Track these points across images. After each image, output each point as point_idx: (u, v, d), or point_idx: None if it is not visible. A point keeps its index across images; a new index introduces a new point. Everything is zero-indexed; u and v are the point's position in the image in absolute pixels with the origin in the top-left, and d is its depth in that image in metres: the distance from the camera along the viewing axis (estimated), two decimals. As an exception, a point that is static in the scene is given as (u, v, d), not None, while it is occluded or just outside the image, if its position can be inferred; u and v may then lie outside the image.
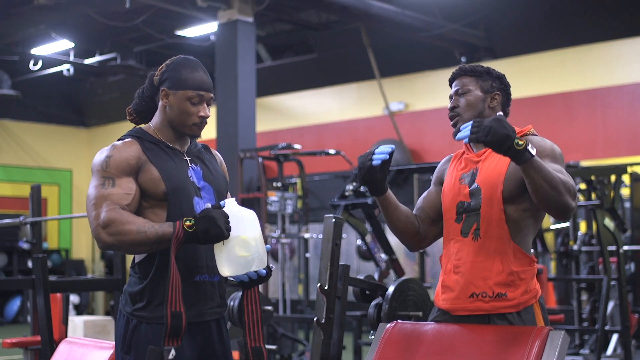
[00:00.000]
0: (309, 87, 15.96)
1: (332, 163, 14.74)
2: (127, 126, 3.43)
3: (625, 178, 10.50)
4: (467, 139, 3.00)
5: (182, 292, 3.09)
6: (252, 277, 3.08)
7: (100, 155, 3.21)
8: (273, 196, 10.53)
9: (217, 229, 2.96)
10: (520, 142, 2.94)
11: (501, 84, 3.39)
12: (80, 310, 15.71)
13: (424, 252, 11.32)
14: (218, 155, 3.46)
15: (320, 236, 11.69)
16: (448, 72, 3.57)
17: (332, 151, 11.21)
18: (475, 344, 3.02)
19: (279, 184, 10.66)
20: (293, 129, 16.00)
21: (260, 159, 10.70)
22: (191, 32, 13.00)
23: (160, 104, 3.25)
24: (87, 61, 14.39)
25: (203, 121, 3.22)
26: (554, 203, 3.02)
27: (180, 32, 13.05)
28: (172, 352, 2.95)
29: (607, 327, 8.66)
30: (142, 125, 3.34)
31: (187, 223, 2.98)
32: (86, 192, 3.18)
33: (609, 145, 12.27)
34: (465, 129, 3.00)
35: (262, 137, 14.03)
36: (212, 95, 3.23)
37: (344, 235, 5.36)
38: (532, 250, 3.26)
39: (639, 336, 10.21)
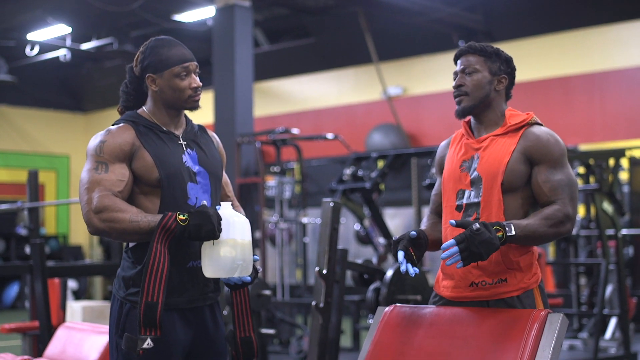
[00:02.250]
0: (307, 72, 15.92)
1: (329, 148, 14.72)
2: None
3: (624, 162, 10.50)
4: (461, 265, 3.02)
5: (175, 277, 3.10)
6: (235, 282, 3.10)
7: (94, 140, 3.18)
8: (271, 181, 10.52)
9: (209, 225, 2.95)
10: (500, 235, 3.00)
11: (508, 67, 3.34)
12: (78, 295, 15.70)
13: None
14: (215, 137, 3.43)
15: (319, 221, 11.72)
16: (446, 56, 3.54)
17: (330, 136, 11.20)
18: (474, 327, 3.01)
19: (277, 169, 10.64)
20: (290, 114, 15.98)
21: (258, 144, 10.67)
22: (188, 16, 12.94)
23: (149, 91, 3.22)
24: (84, 46, 14.32)
25: (197, 91, 3.20)
26: (549, 241, 3.20)
27: (177, 17, 12.98)
28: (149, 341, 2.94)
29: (605, 311, 8.67)
30: (138, 110, 3.30)
31: (181, 217, 2.97)
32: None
33: (607, 129, 12.25)
34: (454, 257, 3.00)
35: (260, 122, 13.99)
36: (196, 63, 3.21)
37: (342, 220, 5.37)
38: None
39: (637, 320, 10.22)
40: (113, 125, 3.23)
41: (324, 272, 5.10)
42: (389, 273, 5.36)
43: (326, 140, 12.94)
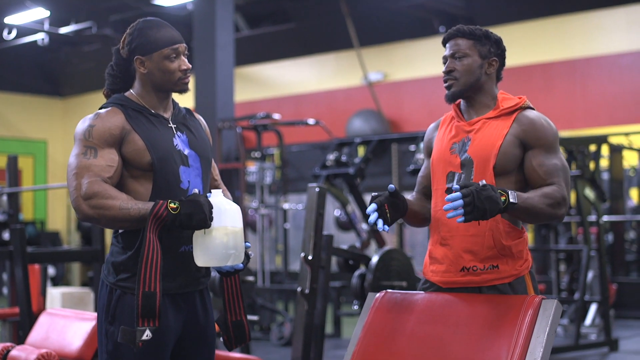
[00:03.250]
0: (287, 57, 15.86)
1: (310, 133, 14.67)
2: (102, 97, 3.32)
3: (604, 149, 10.51)
4: (462, 220, 2.92)
5: (167, 263, 3.04)
6: (228, 269, 3.07)
7: (83, 124, 3.10)
8: (252, 166, 10.46)
9: (201, 214, 2.89)
10: (503, 199, 2.94)
11: (498, 49, 3.28)
12: (56, 281, 15.60)
13: (402, 223, 11.32)
14: (201, 120, 3.38)
15: (299, 207, 11.68)
16: (427, 42, 3.49)
17: (311, 121, 11.15)
18: (467, 313, 2.98)
19: (258, 154, 10.58)
20: (270, 99, 15.91)
21: (238, 129, 10.60)
22: (168, 0, 12.84)
23: (137, 73, 3.15)
24: (62, 30, 14.18)
25: (186, 73, 3.14)
26: (543, 222, 3.10)
27: (157, 1, 12.87)
28: (147, 333, 2.87)
29: (586, 298, 8.69)
30: (125, 92, 3.24)
31: (172, 205, 2.91)
32: (62, 163, 3.10)
33: (588, 115, 12.26)
34: (457, 210, 2.90)
35: (240, 107, 13.92)
36: (185, 45, 3.15)
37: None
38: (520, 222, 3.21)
39: (617, 306, 10.27)
40: (101, 108, 3.16)
41: (310, 257, 5.06)
42: (374, 259, 5.33)
43: (307, 126, 12.89)
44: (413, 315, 3.08)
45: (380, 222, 3.06)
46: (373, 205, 3.07)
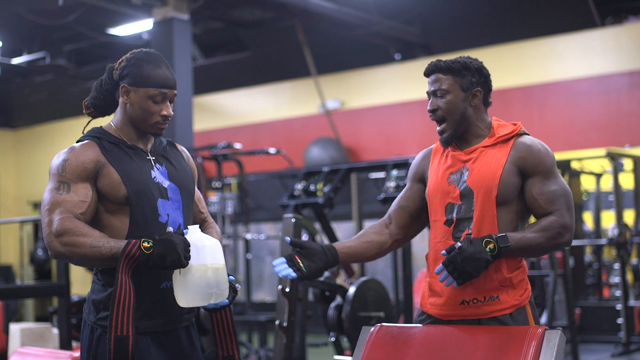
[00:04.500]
0: (243, 86, 15.78)
1: (267, 163, 14.60)
2: (55, 128, 3.24)
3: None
4: (457, 284, 2.98)
5: (147, 300, 2.97)
6: (211, 308, 3.00)
7: (57, 159, 3.03)
8: (213, 197, 10.34)
9: (174, 255, 2.80)
10: (492, 247, 2.94)
11: (481, 77, 3.20)
12: (8, 317, 15.26)
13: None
14: (185, 151, 3.30)
15: (262, 236, 11.57)
16: (384, 70, 3.44)
17: (272, 150, 11.08)
18: (468, 346, 2.91)
19: (219, 184, 10.47)
20: (227, 128, 15.81)
21: (199, 159, 10.49)
22: (124, 30, 12.71)
23: (120, 100, 3.08)
24: (15, 61, 13.98)
25: (166, 120, 3.07)
26: (548, 253, 3.10)
27: (112, 31, 12.74)
28: None
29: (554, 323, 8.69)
30: (103, 125, 3.16)
31: (145, 244, 2.83)
32: (14, 196, 3.01)
33: (546, 140, 11.94)
34: (448, 278, 2.97)
35: (196, 136, 13.80)
36: (175, 92, 3.09)
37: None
38: None
39: (581, 330, 10.29)
40: (77, 142, 3.08)
41: (287, 290, 4.97)
42: (352, 290, 5.25)
43: (264, 155, 12.81)
44: (412, 350, 3.01)
45: (289, 272, 3.01)
46: (280, 259, 3.04)
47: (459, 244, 2.92)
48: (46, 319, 13.80)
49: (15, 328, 8.94)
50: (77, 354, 4.07)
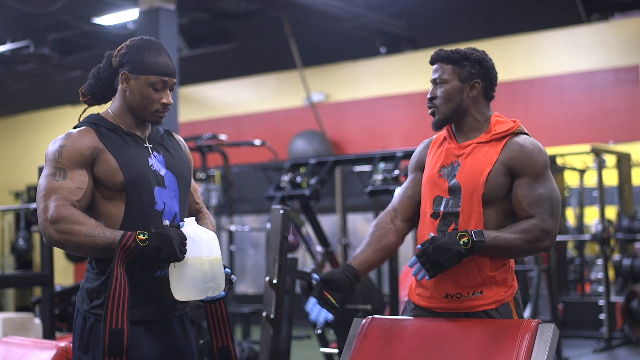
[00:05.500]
0: (228, 77, 15.73)
1: (250, 154, 14.56)
2: (39, 117, 3.23)
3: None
4: (429, 278, 2.97)
5: (141, 288, 2.96)
6: (208, 301, 3.00)
7: (54, 144, 3.01)
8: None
9: (169, 249, 2.79)
10: (466, 240, 2.92)
11: (481, 69, 3.18)
12: (-10, 306, 15.21)
13: (347, 244, 11.27)
14: (181, 141, 3.29)
15: (246, 228, 11.54)
16: (369, 63, 3.42)
17: (257, 142, 11.05)
18: (461, 339, 2.91)
19: (203, 176, 10.43)
20: (210, 120, 15.76)
21: (184, 150, 10.43)
22: (109, 19, 12.62)
23: (119, 87, 3.06)
24: (-2, 49, 13.87)
25: (166, 108, 3.05)
26: (524, 256, 3.10)
27: (98, 20, 12.64)
28: None
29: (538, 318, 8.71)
30: (100, 112, 3.14)
31: (141, 237, 2.82)
32: None
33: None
34: (421, 272, 2.97)
35: (181, 128, 13.75)
36: (175, 80, 3.07)
37: (267, 225, 5.26)
38: None
39: (563, 326, 10.33)
40: (74, 128, 3.05)
41: (274, 281, 4.95)
42: (339, 282, 5.22)
43: (247, 147, 12.78)
44: (404, 342, 3.00)
45: (326, 314, 3.01)
46: (311, 301, 3.03)
47: (431, 234, 2.93)
48: (27, 308, 13.72)
49: (-4, 318, 8.89)
50: (62, 343, 4.04)
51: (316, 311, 3.02)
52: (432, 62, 3.24)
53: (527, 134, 3.16)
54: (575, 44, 12.49)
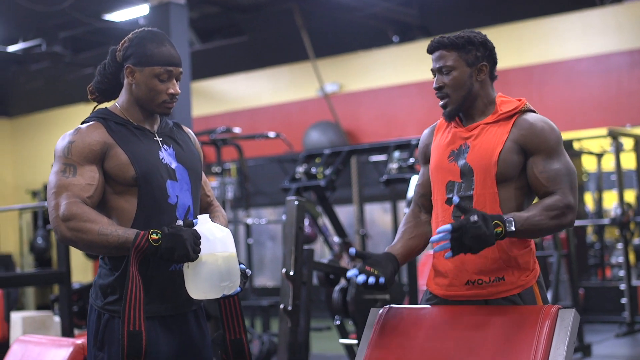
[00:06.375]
0: (240, 71, 15.70)
1: (266, 147, 14.53)
2: (52, 115, 3.19)
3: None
4: (449, 255, 2.83)
5: (156, 283, 2.92)
6: (223, 297, 2.95)
7: (62, 140, 2.97)
8: (213, 182, 10.28)
9: (183, 250, 2.76)
10: (499, 231, 2.82)
11: (486, 51, 3.11)
12: (10, 305, 15.22)
13: (365, 234, 11.22)
14: (191, 133, 3.25)
15: (263, 221, 11.52)
16: (382, 52, 3.35)
17: (272, 134, 11.02)
18: (480, 327, 2.85)
19: (218, 170, 10.42)
20: (225, 114, 15.73)
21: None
22: (119, 16, 12.60)
23: (125, 81, 3.02)
24: (11, 48, 13.88)
25: (173, 98, 3.01)
26: (551, 234, 3.00)
27: (108, 16, 12.63)
28: None
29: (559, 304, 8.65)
30: (108, 106, 3.10)
31: (154, 236, 2.78)
32: (12, 184, 2.95)
33: (546, 121, 12.23)
34: (445, 243, 2.82)
35: (195, 122, 13.74)
36: (181, 70, 3.03)
37: (283, 217, 5.22)
38: None
39: (583, 311, 10.26)
40: (83, 123, 3.02)
41: (291, 273, 4.91)
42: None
43: (262, 140, 12.74)
44: (422, 332, 2.94)
45: (372, 279, 2.93)
46: (353, 271, 2.97)
47: (475, 217, 2.79)
48: (47, 307, 13.75)
49: (16, 317, 8.92)
50: (79, 341, 4.03)
51: (363, 277, 2.94)
52: (432, 50, 3.16)
53: (534, 111, 3.11)
54: (590, 27, 12.38)
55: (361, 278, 2.94)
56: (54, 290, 14.50)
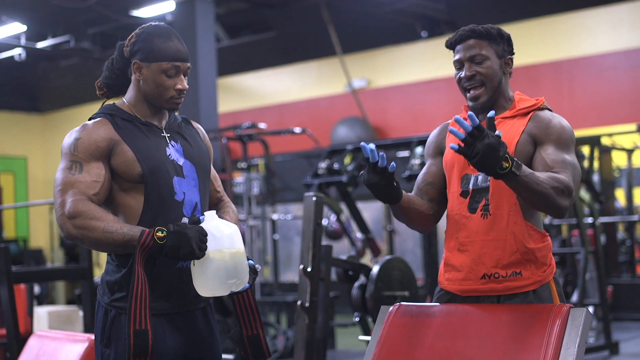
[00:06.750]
0: (268, 66, 15.70)
1: (293, 143, 14.52)
2: (82, 111, 3.19)
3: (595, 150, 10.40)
4: (454, 147, 2.72)
5: (163, 280, 2.90)
6: (232, 294, 2.92)
7: (69, 137, 2.94)
8: (239, 177, 10.27)
9: (187, 248, 2.72)
10: (505, 165, 2.70)
11: (509, 46, 3.10)
12: (40, 300, 15.33)
13: (392, 230, 11.16)
14: (200, 129, 3.22)
15: (289, 217, 11.50)
16: (410, 47, 3.29)
17: (297, 130, 10.99)
18: (490, 326, 2.80)
19: (244, 165, 10.40)
20: (253, 109, 15.75)
21: (224, 140, 10.42)
22: (147, 12, 12.64)
23: (132, 77, 3.00)
24: (40, 45, 13.97)
25: (181, 94, 2.98)
26: (544, 209, 2.86)
27: (136, 12, 12.67)
28: None
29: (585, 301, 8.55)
30: (116, 101, 3.08)
31: (159, 234, 2.75)
32: (42, 180, 2.93)
33: (575, 117, 12.13)
34: (460, 133, 2.70)
35: (222, 118, 13.75)
36: (188, 65, 3.00)
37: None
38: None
39: (612, 308, 10.15)
40: (89, 119, 2.99)
41: (309, 269, 4.88)
42: (375, 269, 5.15)
43: (290, 136, 12.72)
44: (431, 329, 2.90)
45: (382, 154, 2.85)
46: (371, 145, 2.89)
47: (500, 132, 2.71)
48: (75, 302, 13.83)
49: (42, 311, 8.96)
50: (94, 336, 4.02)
51: (371, 149, 2.87)
52: (462, 39, 3.10)
53: (550, 110, 3.06)
54: (619, 21, 12.26)
55: (372, 145, 2.86)
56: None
